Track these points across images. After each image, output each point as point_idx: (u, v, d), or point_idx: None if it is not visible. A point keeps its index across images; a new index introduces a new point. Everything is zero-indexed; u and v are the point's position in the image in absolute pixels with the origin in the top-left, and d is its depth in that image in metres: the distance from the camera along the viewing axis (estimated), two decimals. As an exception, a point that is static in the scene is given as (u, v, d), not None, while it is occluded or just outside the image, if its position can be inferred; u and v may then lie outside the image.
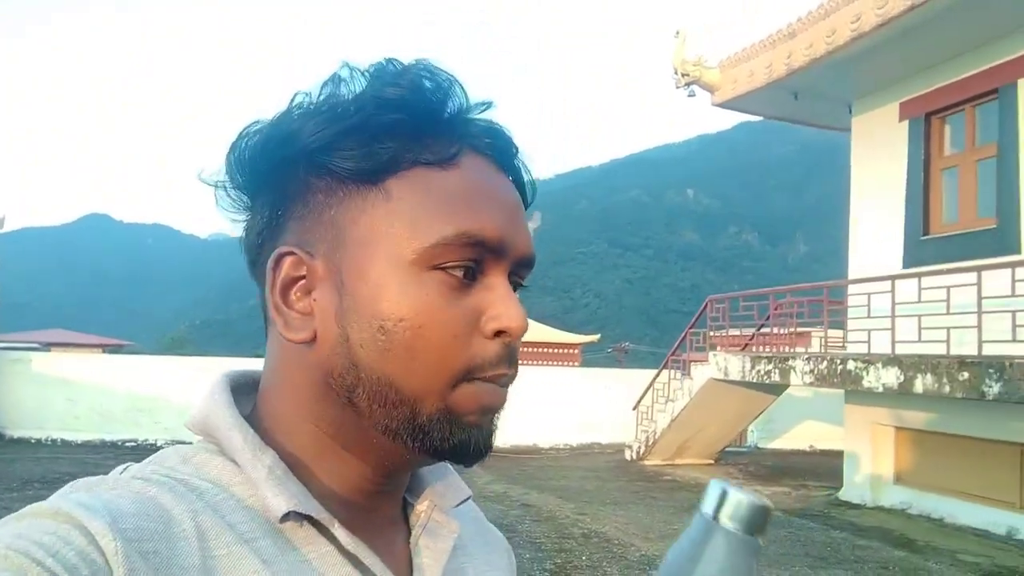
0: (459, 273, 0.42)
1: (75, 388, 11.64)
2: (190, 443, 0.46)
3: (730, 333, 9.52)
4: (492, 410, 0.45)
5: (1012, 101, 6.18)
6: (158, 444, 10.16)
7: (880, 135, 7.50)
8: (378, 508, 0.47)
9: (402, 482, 0.50)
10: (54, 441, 11.31)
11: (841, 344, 8.29)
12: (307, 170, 0.44)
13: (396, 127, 0.42)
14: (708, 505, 0.38)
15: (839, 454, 8.56)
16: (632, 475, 9.39)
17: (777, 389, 8.98)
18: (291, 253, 0.44)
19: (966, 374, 5.38)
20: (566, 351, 23.66)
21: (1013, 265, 5.41)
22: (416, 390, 0.42)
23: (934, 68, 6.83)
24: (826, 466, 9.82)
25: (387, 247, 0.42)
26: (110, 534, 0.35)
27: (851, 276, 7.77)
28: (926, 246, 6.99)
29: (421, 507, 0.50)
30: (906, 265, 7.03)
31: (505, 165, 0.47)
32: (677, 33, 8.60)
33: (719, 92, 8.35)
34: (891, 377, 6.03)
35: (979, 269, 5.62)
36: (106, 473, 0.42)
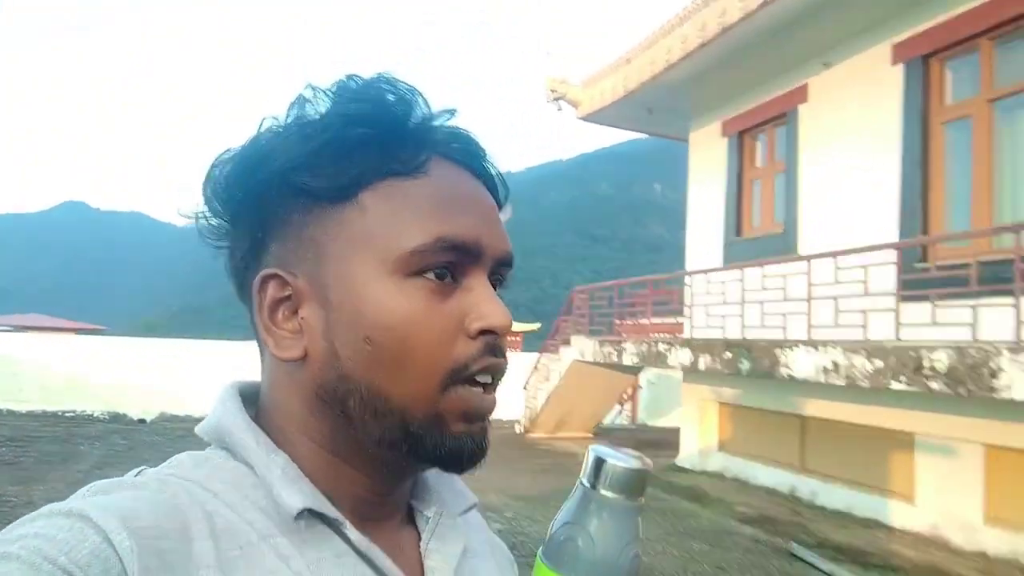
0: (439, 277, 0.43)
1: (17, 364, 12.46)
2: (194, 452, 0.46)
3: (640, 321, 10.50)
4: (481, 415, 0.45)
5: (795, 124, 7.28)
6: (95, 415, 10.93)
7: (708, 148, 8.59)
8: (385, 515, 0.48)
9: (405, 490, 0.50)
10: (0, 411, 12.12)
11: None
12: (281, 192, 0.44)
13: (363, 141, 0.43)
14: (586, 474, 0.39)
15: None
16: (513, 446, 10.49)
17: (634, 370, 10.10)
18: (274, 275, 0.45)
19: (728, 354, 6.49)
20: (509, 339, 24.48)
21: (760, 264, 6.52)
22: (405, 398, 0.43)
23: (745, 92, 7.90)
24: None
25: (366, 258, 0.43)
26: (124, 532, 0.35)
27: (688, 270, 8.89)
28: (738, 246, 8.09)
29: (429, 512, 0.51)
30: (725, 262, 8.14)
31: (475, 168, 0.48)
32: (548, 54, 9.63)
33: (581, 107, 9.39)
34: (685, 357, 7.14)
35: (741, 267, 6.73)
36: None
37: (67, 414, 12.19)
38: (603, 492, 0.38)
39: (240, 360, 10.13)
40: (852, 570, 4.70)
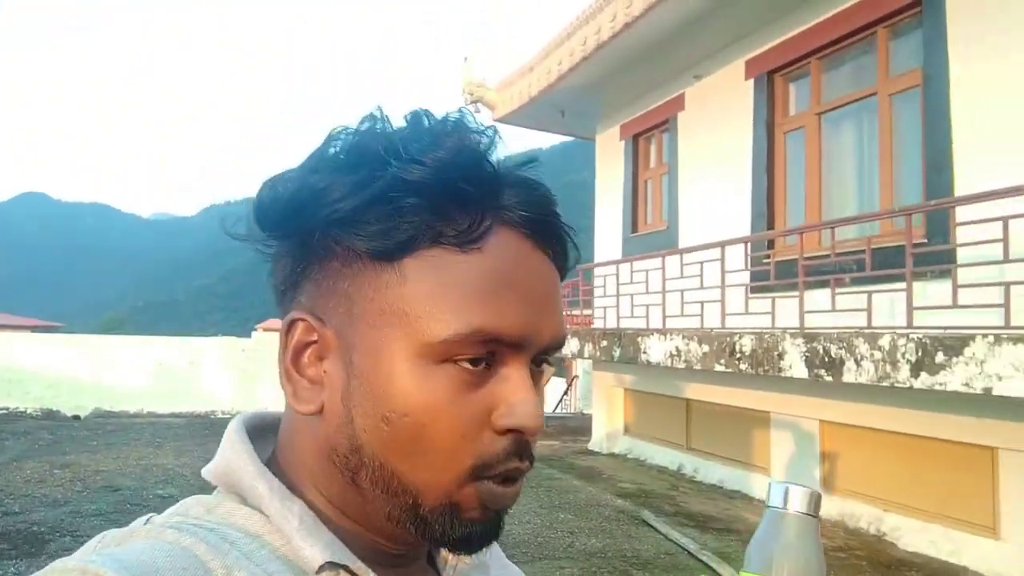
0: (471, 366, 0.41)
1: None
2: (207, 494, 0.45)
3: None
4: (499, 508, 0.43)
5: (675, 130, 7.89)
6: (28, 412, 11.16)
7: (610, 150, 9.18)
8: (404, 563, 0.47)
9: (422, 546, 0.49)
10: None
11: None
12: (324, 238, 0.42)
13: (418, 206, 0.40)
14: (775, 500, 0.45)
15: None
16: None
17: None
18: (303, 320, 0.43)
19: (604, 342, 7.11)
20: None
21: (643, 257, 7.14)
22: (419, 484, 0.41)
23: (637, 99, 8.48)
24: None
25: (397, 334, 0.41)
26: None
27: (596, 262, 9.49)
28: (633, 241, 8.71)
29: (447, 554, 0.50)
30: (623, 255, 8.75)
31: (541, 237, 0.44)
32: (465, 59, 10.09)
33: (497, 109, 9.88)
34: (574, 346, 7.74)
35: (615, 263, 7.34)
36: None
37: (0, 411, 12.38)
38: (793, 511, 0.45)
39: (166, 354, 10.48)
40: (689, 533, 5.34)
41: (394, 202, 0.40)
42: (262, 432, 0.49)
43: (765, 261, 5.73)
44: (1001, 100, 4.16)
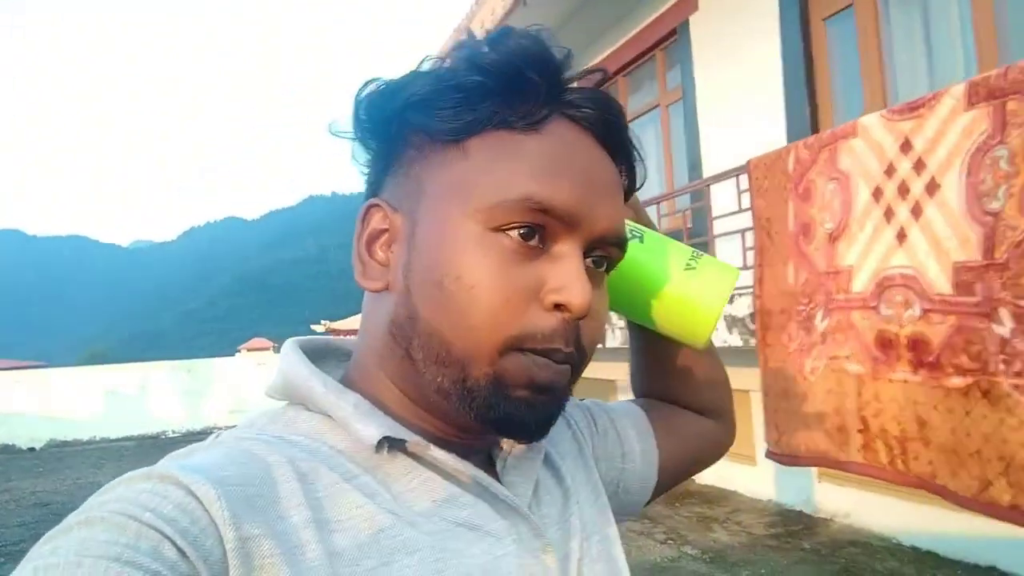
0: (522, 238, 0.42)
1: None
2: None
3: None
4: (545, 387, 0.42)
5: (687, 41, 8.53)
6: None
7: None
8: (462, 453, 0.46)
9: (484, 439, 0.49)
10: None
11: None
12: (402, 126, 0.45)
13: (485, 89, 0.42)
14: None
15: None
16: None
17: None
18: (377, 206, 0.46)
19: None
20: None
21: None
22: (465, 351, 0.42)
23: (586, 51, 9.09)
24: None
25: (454, 204, 0.42)
26: (207, 483, 0.35)
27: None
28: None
29: (504, 444, 0.51)
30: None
31: (604, 137, 0.46)
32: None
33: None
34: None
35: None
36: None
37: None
38: None
39: (115, 381, 10.98)
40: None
41: (463, 88, 0.43)
42: (324, 355, 0.52)
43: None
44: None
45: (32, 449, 10.30)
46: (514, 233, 0.42)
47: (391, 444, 0.43)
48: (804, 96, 4.43)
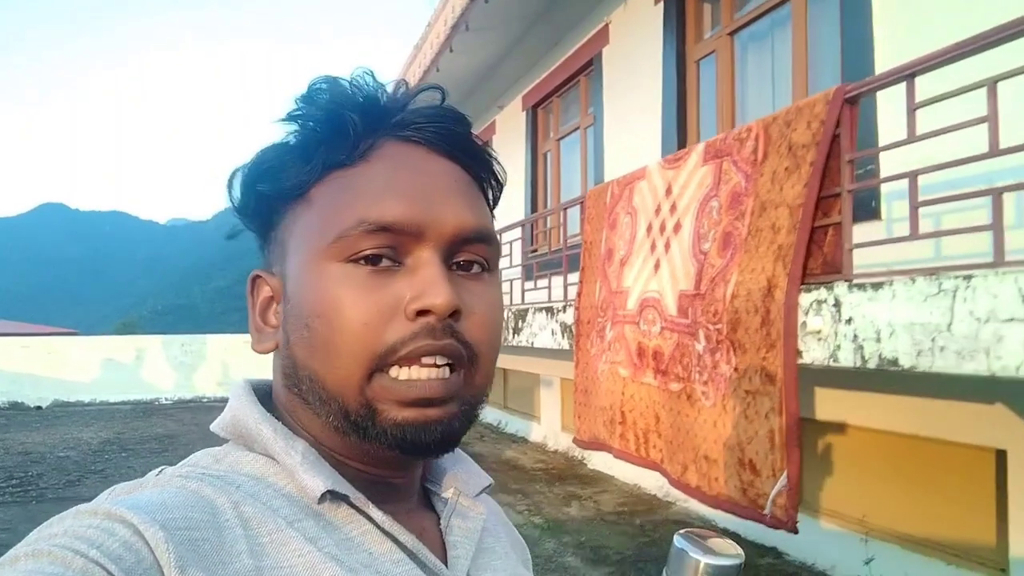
0: (370, 262, 0.43)
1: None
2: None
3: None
4: (425, 401, 0.43)
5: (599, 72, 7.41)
6: None
7: (512, 123, 8.84)
8: (400, 498, 0.48)
9: (414, 475, 0.51)
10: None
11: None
12: (261, 200, 0.48)
13: (316, 139, 0.45)
14: (674, 569, 0.37)
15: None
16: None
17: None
18: (260, 277, 0.49)
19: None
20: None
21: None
22: (337, 383, 0.43)
23: (528, 73, 8.25)
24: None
25: (308, 250, 0.45)
26: (154, 525, 0.36)
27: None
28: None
29: (447, 493, 0.53)
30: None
31: (440, 146, 0.47)
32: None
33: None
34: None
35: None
36: None
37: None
38: None
39: (114, 351, 11.88)
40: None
41: (298, 146, 0.46)
42: (269, 396, 0.52)
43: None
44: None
45: (39, 408, 11.28)
46: (362, 260, 0.43)
47: (333, 496, 0.44)
48: (675, 124, 5.02)
